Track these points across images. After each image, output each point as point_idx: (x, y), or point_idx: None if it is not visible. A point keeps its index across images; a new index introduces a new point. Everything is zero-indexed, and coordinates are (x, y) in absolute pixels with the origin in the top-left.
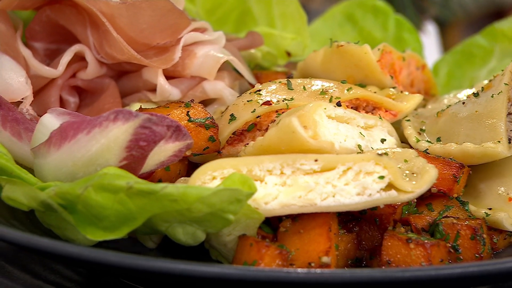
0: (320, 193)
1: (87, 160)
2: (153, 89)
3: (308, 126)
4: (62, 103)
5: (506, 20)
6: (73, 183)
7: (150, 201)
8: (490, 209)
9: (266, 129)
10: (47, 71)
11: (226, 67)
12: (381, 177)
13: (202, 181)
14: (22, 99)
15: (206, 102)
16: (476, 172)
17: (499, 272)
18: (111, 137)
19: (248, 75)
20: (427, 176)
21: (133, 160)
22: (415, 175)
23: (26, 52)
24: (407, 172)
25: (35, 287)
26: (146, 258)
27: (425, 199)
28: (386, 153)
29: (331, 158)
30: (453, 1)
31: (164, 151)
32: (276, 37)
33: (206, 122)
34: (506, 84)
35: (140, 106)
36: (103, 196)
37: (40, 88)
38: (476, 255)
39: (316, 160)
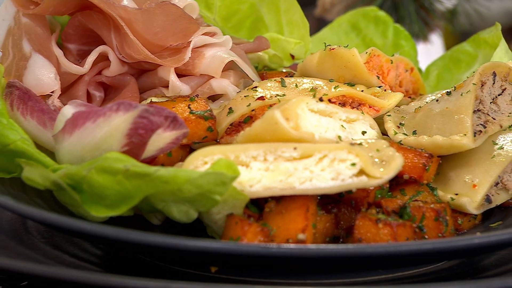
0: (298, 177)
1: (93, 146)
2: (167, 86)
3: (290, 118)
4: (89, 97)
5: (488, 29)
6: (80, 166)
7: (145, 182)
8: (456, 194)
9: None
10: (75, 69)
11: (233, 66)
12: (353, 164)
13: (195, 165)
14: (52, 92)
15: (214, 98)
16: (447, 162)
17: (449, 248)
18: (114, 125)
19: (251, 74)
20: (394, 164)
21: (134, 146)
22: (384, 163)
23: (58, 52)
24: (377, 160)
25: (54, 257)
26: (135, 232)
27: (400, 184)
28: (360, 143)
29: (309, 147)
30: (458, 16)
31: (163, 138)
32: (282, 41)
33: (205, 114)
34: (474, 84)
35: (151, 99)
36: (104, 178)
37: (70, 84)
38: (439, 234)
39: (295, 148)
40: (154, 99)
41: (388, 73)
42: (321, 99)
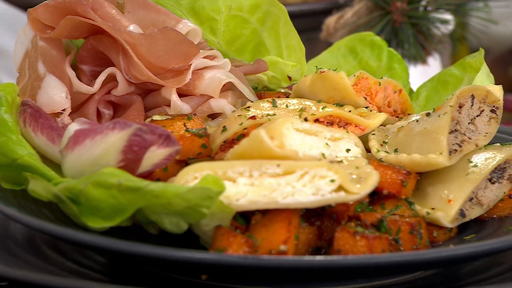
0: (281, 192)
1: (91, 161)
2: (170, 104)
3: (275, 137)
4: (99, 115)
5: (472, 54)
6: (78, 180)
7: (137, 195)
8: (433, 209)
9: None
10: (86, 88)
11: (231, 87)
12: (332, 181)
13: (186, 180)
14: (63, 110)
15: (213, 116)
16: (426, 178)
17: (418, 260)
18: (110, 142)
19: (248, 94)
20: (371, 180)
21: (129, 162)
22: (362, 179)
23: (70, 73)
24: (355, 176)
25: (59, 264)
26: (127, 242)
27: (381, 199)
28: (341, 161)
29: (291, 164)
30: (456, 40)
31: (157, 155)
32: (280, 64)
33: (200, 132)
34: (451, 106)
35: (151, 118)
36: (99, 191)
37: (82, 102)
38: (414, 246)
39: (278, 165)
40: (157, 117)
41: (376, 94)
42: (306, 119)
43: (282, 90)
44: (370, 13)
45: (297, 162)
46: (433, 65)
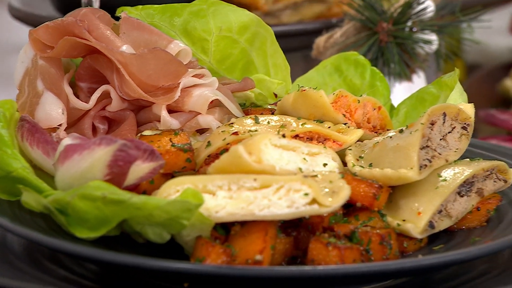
0: (258, 205)
1: (79, 175)
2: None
3: (253, 152)
4: (95, 129)
5: (448, 74)
6: (65, 192)
7: (120, 208)
8: (404, 220)
9: None
10: (81, 105)
11: (219, 104)
12: (306, 194)
13: (168, 193)
14: (59, 126)
15: (202, 131)
16: (399, 191)
17: (383, 271)
18: (96, 157)
19: (235, 111)
20: (342, 194)
21: (115, 176)
22: (334, 193)
23: (68, 90)
24: (329, 190)
25: (51, 272)
26: (107, 252)
27: (355, 211)
28: (315, 175)
29: (267, 178)
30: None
31: (142, 169)
32: (267, 82)
33: (185, 147)
34: (422, 124)
35: (141, 134)
36: (85, 203)
37: (79, 117)
38: (384, 257)
39: (255, 179)
40: (147, 132)
41: (355, 111)
42: (284, 135)
43: (269, 106)
44: (358, 33)
45: (273, 176)
46: (418, 82)
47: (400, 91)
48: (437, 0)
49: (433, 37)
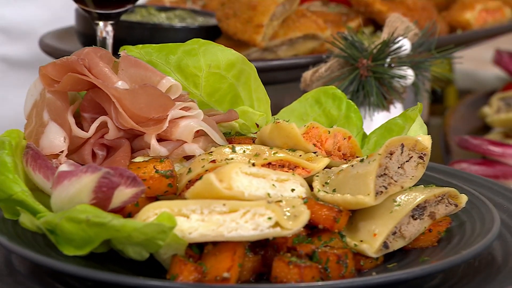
0: (227, 227)
1: (68, 199)
2: None
3: (224, 180)
4: (94, 155)
5: (412, 107)
6: (55, 215)
7: (102, 229)
8: (361, 241)
9: None
10: (82, 134)
11: (205, 134)
12: (269, 218)
13: (147, 216)
14: (60, 152)
15: (188, 157)
16: (359, 215)
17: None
18: (83, 183)
19: (218, 140)
20: (302, 218)
21: (100, 200)
22: (295, 217)
23: (71, 120)
24: (290, 214)
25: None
26: (87, 269)
27: (319, 232)
28: (280, 201)
29: (235, 203)
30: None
31: (125, 194)
32: (250, 113)
33: (167, 174)
34: (379, 154)
35: (132, 160)
36: (71, 225)
37: (80, 145)
38: (340, 274)
39: (224, 204)
40: (139, 158)
41: (326, 141)
42: (253, 164)
43: (252, 135)
44: (341, 68)
45: (241, 202)
46: (395, 112)
47: (379, 120)
48: (414, 39)
49: (408, 72)
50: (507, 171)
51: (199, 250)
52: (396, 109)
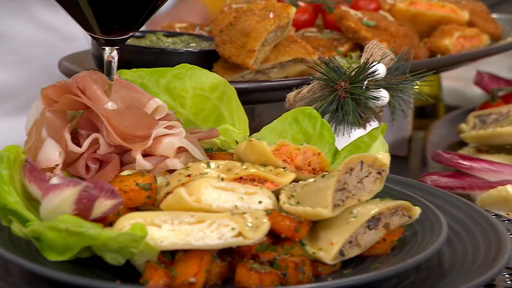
0: (194, 237)
1: (53, 210)
2: None
3: (193, 193)
4: (88, 168)
5: (376, 127)
6: (40, 223)
7: (80, 238)
8: (320, 249)
9: None
10: (76, 149)
11: (186, 149)
12: (233, 228)
13: (123, 225)
14: (56, 166)
15: (171, 171)
16: (320, 225)
17: None
18: (65, 196)
19: (199, 155)
20: (262, 228)
21: (81, 211)
22: (257, 227)
23: (67, 137)
24: (252, 225)
25: None
26: (63, 273)
27: (282, 241)
28: (244, 213)
29: (202, 215)
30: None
31: (105, 205)
32: (230, 131)
33: (146, 187)
34: (338, 170)
35: (119, 173)
36: (53, 233)
37: (75, 159)
38: (298, 280)
39: (192, 216)
40: (126, 172)
41: (296, 157)
42: (222, 179)
43: (232, 151)
44: (322, 89)
45: (207, 213)
46: (370, 129)
47: (356, 137)
48: (389, 63)
49: (382, 93)
50: (474, 183)
51: (171, 256)
52: (372, 127)
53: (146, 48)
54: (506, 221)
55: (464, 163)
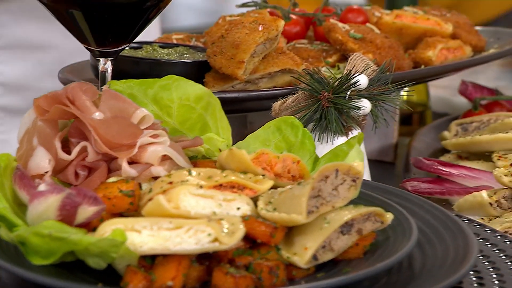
0: (173, 242)
1: (38, 215)
2: None
3: (172, 200)
4: (77, 175)
5: (353, 136)
6: (25, 229)
7: (62, 243)
8: (295, 254)
9: None
10: (65, 156)
11: (170, 157)
12: (209, 234)
13: (105, 231)
14: (45, 173)
15: (156, 178)
16: (295, 230)
17: None
18: (49, 202)
19: (182, 163)
20: (237, 234)
21: (65, 217)
22: (233, 233)
23: (57, 145)
24: (228, 231)
25: None
26: (42, 276)
27: (258, 246)
28: (221, 219)
29: (180, 221)
30: (378, 118)
31: (88, 211)
32: (214, 140)
33: (129, 193)
34: (313, 178)
35: (106, 180)
36: (37, 239)
37: (65, 166)
38: (272, 283)
39: (170, 222)
40: (112, 179)
41: (275, 165)
42: (201, 186)
43: (215, 159)
44: (307, 99)
45: (185, 220)
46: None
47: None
48: (372, 75)
49: (364, 103)
50: (452, 189)
51: (151, 260)
52: (353, 135)
53: (141, 59)
54: (478, 226)
55: (444, 169)
